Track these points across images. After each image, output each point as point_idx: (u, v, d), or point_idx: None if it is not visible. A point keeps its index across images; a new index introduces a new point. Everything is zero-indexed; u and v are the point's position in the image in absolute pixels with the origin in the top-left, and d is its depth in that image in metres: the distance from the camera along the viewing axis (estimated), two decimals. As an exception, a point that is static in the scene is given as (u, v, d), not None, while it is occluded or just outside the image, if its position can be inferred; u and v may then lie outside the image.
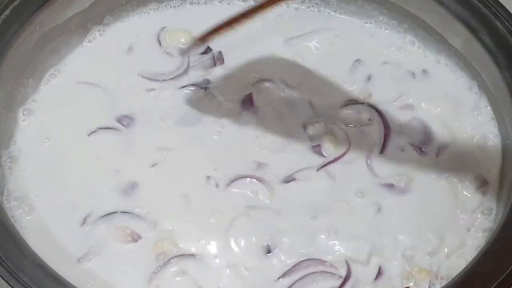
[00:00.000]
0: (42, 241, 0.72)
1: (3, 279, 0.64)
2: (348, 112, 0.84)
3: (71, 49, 0.88)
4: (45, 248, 0.70)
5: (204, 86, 0.85)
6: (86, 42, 0.89)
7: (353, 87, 0.87)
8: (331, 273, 0.73)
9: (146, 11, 0.92)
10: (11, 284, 0.64)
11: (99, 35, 0.90)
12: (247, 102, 0.84)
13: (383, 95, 0.86)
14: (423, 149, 0.82)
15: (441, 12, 0.85)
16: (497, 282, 0.65)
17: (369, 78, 0.88)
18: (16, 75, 0.81)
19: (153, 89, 0.85)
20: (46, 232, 0.74)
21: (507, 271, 0.66)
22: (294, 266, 0.72)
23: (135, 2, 0.91)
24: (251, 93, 0.85)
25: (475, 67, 0.85)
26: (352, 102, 0.85)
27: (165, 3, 0.93)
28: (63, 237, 0.73)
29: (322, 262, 0.73)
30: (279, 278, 0.72)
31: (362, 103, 0.85)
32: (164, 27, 0.90)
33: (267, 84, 0.86)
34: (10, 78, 0.80)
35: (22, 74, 0.82)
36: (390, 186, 0.79)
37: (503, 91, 0.80)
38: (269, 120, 0.83)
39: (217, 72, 0.87)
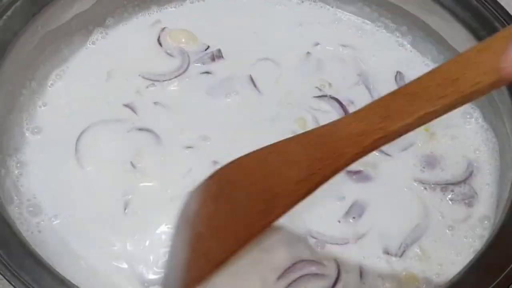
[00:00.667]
0: (52, 247, 0.73)
1: (5, 278, 0.64)
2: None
3: (73, 51, 0.88)
4: (55, 252, 0.71)
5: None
6: (89, 44, 0.89)
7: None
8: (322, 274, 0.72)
9: (147, 12, 0.93)
10: (13, 284, 0.64)
11: (101, 37, 0.90)
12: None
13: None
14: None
15: (441, 13, 0.86)
16: (495, 283, 0.65)
17: (359, 74, 0.89)
18: (18, 76, 0.81)
19: (155, 87, 0.86)
20: (55, 234, 0.74)
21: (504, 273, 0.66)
22: (289, 267, 0.72)
23: (136, 3, 0.92)
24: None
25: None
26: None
27: (165, 5, 0.93)
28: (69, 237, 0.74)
29: (315, 263, 0.73)
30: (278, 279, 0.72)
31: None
32: (164, 28, 0.91)
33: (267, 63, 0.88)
34: (12, 79, 0.80)
35: (24, 75, 0.82)
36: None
37: (503, 91, 0.80)
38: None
39: (217, 66, 0.88)
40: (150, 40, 0.90)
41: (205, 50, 0.89)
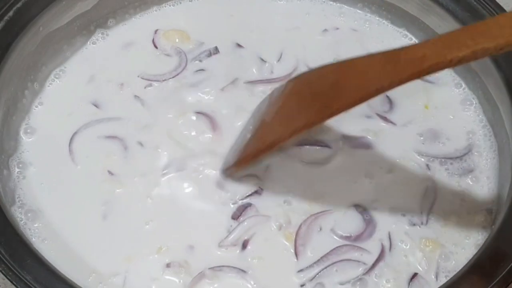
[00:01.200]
0: (53, 247, 0.73)
1: (7, 277, 0.65)
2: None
3: (75, 51, 0.88)
4: (59, 256, 0.72)
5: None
6: (89, 43, 0.90)
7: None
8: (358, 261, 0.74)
9: (146, 12, 0.93)
10: (15, 283, 0.64)
11: (101, 38, 0.90)
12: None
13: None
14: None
15: (440, 13, 0.86)
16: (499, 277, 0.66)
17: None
18: (20, 76, 0.81)
19: (152, 87, 0.86)
20: (55, 235, 0.74)
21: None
22: (332, 250, 0.74)
23: (137, 4, 0.92)
24: None
25: (473, 67, 0.86)
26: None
27: (164, 4, 0.94)
28: (70, 238, 0.74)
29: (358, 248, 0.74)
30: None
31: None
32: (157, 30, 0.91)
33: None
34: (14, 79, 0.80)
35: (26, 76, 0.83)
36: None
37: (503, 92, 0.81)
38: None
39: (213, 60, 0.89)
40: (147, 41, 0.90)
41: (202, 48, 0.89)
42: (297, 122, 0.68)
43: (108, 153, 0.80)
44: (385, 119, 0.84)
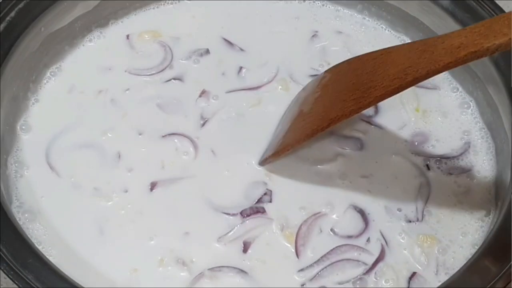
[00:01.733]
0: (53, 244, 0.74)
1: (9, 276, 0.65)
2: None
3: (74, 52, 0.89)
4: (58, 252, 0.72)
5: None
6: (86, 41, 0.90)
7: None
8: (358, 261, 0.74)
9: (145, 9, 0.93)
10: (17, 282, 0.65)
11: (97, 37, 0.90)
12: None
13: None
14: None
15: (440, 14, 0.86)
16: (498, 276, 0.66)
17: None
18: (22, 77, 0.82)
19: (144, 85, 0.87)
20: (56, 234, 0.75)
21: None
22: (332, 249, 0.74)
23: (138, 5, 0.92)
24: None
25: (472, 68, 0.86)
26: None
27: (163, 2, 0.94)
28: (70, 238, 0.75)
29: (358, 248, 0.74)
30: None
31: None
32: (128, 35, 0.91)
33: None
34: (16, 80, 0.81)
35: (28, 77, 0.83)
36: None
37: (502, 91, 0.81)
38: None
39: (205, 60, 0.89)
40: (140, 39, 0.91)
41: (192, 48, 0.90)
42: (334, 112, 0.68)
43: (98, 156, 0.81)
44: (369, 123, 0.84)
